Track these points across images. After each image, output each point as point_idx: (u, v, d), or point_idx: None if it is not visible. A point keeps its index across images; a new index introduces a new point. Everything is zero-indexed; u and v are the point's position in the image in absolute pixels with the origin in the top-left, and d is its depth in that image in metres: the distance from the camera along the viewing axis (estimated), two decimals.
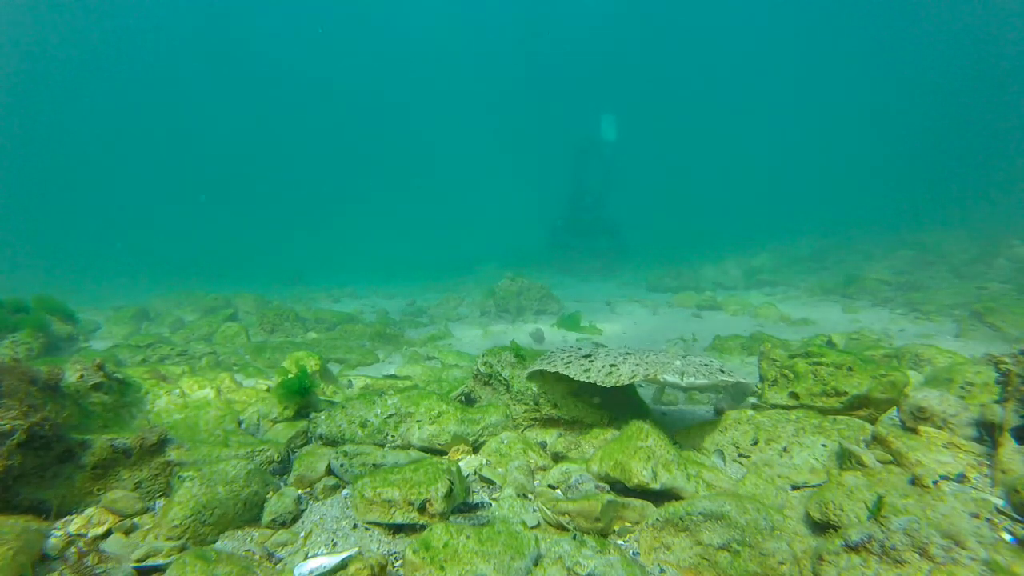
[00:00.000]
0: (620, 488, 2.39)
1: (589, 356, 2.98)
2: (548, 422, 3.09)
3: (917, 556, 1.66)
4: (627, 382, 2.65)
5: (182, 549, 2.11)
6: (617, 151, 17.27)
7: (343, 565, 1.95)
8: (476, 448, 2.94)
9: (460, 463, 2.77)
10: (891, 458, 2.41)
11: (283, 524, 2.39)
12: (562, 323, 7.46)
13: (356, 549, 2.09)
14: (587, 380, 2.71)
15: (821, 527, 2.03)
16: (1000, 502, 2.08)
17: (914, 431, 2.56)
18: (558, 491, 2.48)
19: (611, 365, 2.80)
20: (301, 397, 3.38)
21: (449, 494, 2.23)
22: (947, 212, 15.90)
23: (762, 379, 3.35)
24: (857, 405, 2.92)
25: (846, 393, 2.90)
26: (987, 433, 2.47)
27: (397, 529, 2.25)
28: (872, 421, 2.87)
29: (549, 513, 2.24)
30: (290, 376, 3.37)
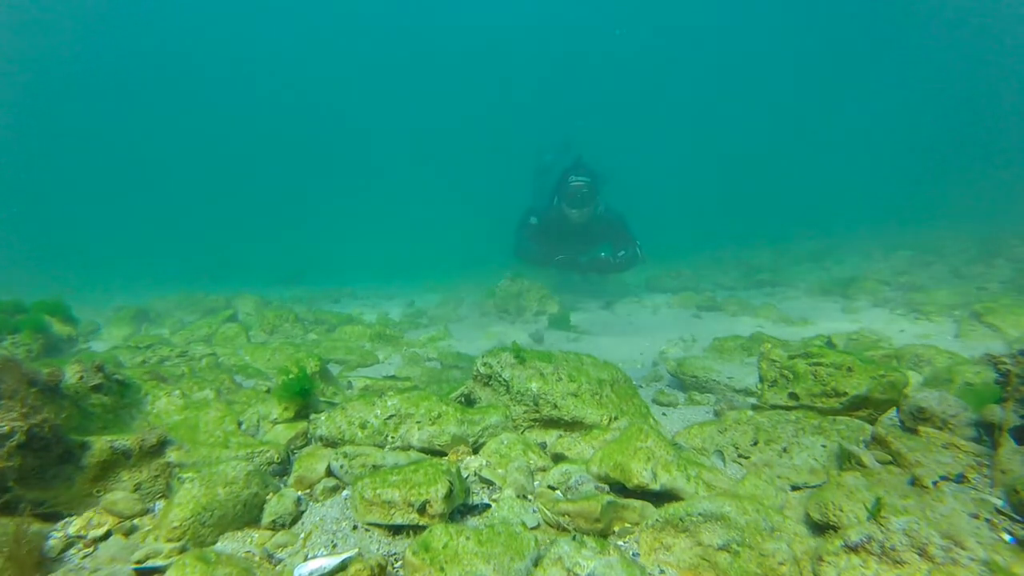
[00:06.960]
0: (620, 489, 2.39)
1: None
2: (548, 423, 3.09)
3: (917, 556, 1.66)
4: None
5: (182, 550, 2.11)
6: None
7: (343, 566, 1.95)
8: (476, 449, 2.94)
9: (460, 464, 2.77)
10: (891, 458, 2.41)
11: (283, 525, 2.39)
12: (553, 323, 7.70)
13: (356, 550, 2.09)
14: None
15: (821, 528, 2.03)
16: (999, 502, 2.09)
17: (914, 431, 2.56)
18: (558, 492, 2.48)
19: None
20: (302, 398, 3.38)
21: (449, 495, 2.22)
22: (946, 212, 15.89)
23: (762, 379, 3.35)
24: (857, 406, 2.93)
25: (846, 394, 2.91)
26: (986, 433, 2.48)
27: (397, 530, 2.25)
28: (872, 422, 2.88)
29: (549, 514, 2.24)
30: (291, 376, 3.37)
